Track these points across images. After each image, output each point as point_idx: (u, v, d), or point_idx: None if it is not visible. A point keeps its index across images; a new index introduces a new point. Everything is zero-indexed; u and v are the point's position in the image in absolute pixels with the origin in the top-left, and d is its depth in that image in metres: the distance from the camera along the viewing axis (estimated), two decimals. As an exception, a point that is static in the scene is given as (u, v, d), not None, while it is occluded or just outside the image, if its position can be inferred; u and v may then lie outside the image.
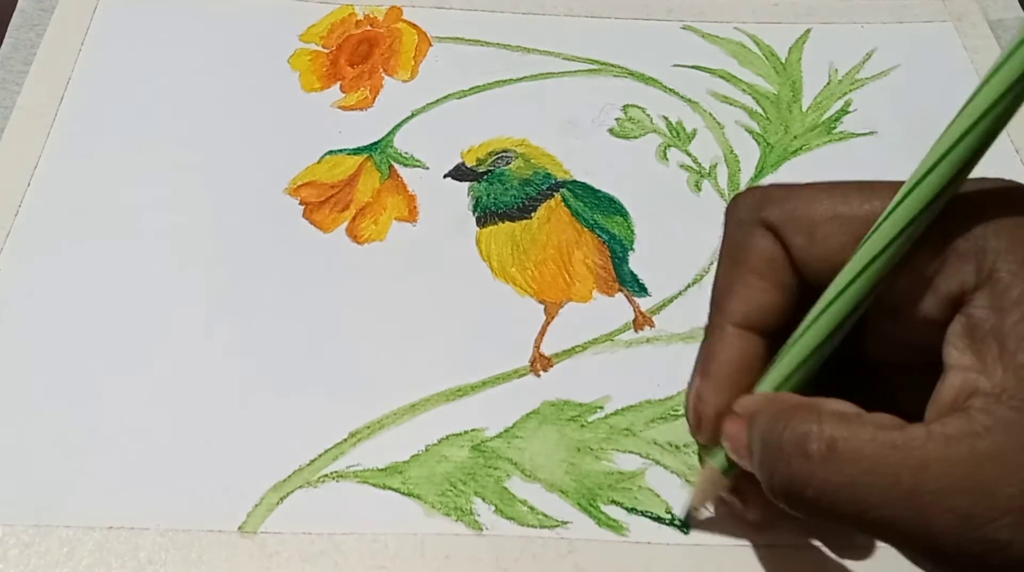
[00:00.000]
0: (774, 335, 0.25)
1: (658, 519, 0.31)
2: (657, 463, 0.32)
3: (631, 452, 0.32)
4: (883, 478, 0.21)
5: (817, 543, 0.30)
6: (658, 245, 0.38)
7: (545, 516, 0.31)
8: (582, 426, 0.33)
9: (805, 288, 0.25)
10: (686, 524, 0.31)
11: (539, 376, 0.34)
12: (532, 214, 0.38)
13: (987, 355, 0.21)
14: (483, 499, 0.31)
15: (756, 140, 0.41)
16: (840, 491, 0.22)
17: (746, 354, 0.26)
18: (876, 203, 0.23)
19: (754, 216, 0.25)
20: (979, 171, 0.23)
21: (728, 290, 0.26)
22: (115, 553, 0.30)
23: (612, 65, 0.44)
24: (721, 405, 0.26)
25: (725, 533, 0.31)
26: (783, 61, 0.44)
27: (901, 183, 0.24)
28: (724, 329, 0.26)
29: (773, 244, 0.25)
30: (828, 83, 0.43)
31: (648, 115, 0.42)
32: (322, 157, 0.40)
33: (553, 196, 0.39)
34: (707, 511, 0.31)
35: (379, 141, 0.40)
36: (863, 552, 0.28)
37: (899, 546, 0.22)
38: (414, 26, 0.45)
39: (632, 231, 0.38)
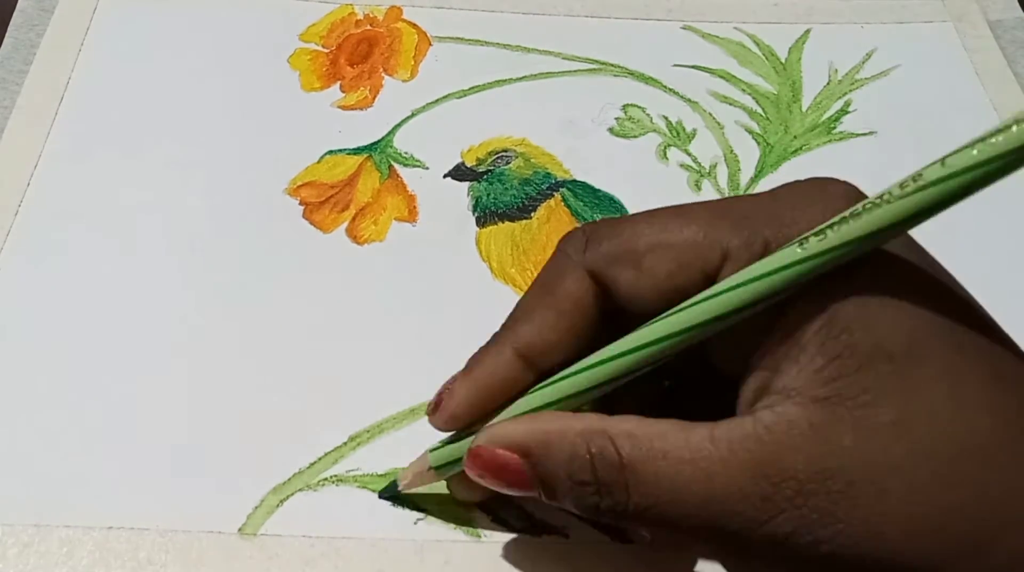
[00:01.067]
0: (545, 372, 0.26)
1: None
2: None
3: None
4: (681, 495, 0.22)
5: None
6: (658, 246, 0.38)
7: (544, 520, 0.31)
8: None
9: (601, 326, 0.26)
10: (386, 492, 0.31)
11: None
12: (532, 214, 0.38)
13: (783, 357, 0.22)
14: (482, 504, 0.31)
15: (756, 140, 0.41)
16: (651, 510, 0.23)
17: (510, 379, 0.26)
18: (693, 228, 0.24)
19: (580, 256, 0.26)
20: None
21: (526, 314, 0.26)
22: (115, 553, 0.30)
23: (612, 65, 0.44)
24: (466, 407, 0.27)
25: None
26: (783, 61, 0.44)
27: (716, 201, 0.26)
28: (504, 349, 0.26)
29: (587, 289, 0.25)
30: (828, 83, 0.43)
31: (648, 115, 0.42)
32: (322, 157, 0.40)
33: (553, 196, 0.39)
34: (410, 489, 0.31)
35: (379, 141, 0.40)
36: None
37: (713, 555, 0.24)
38: (414, 26, 0.45)
39: (632, 231, 0.38)
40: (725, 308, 0.23)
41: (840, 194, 0.24)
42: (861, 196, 0.24)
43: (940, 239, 0.24)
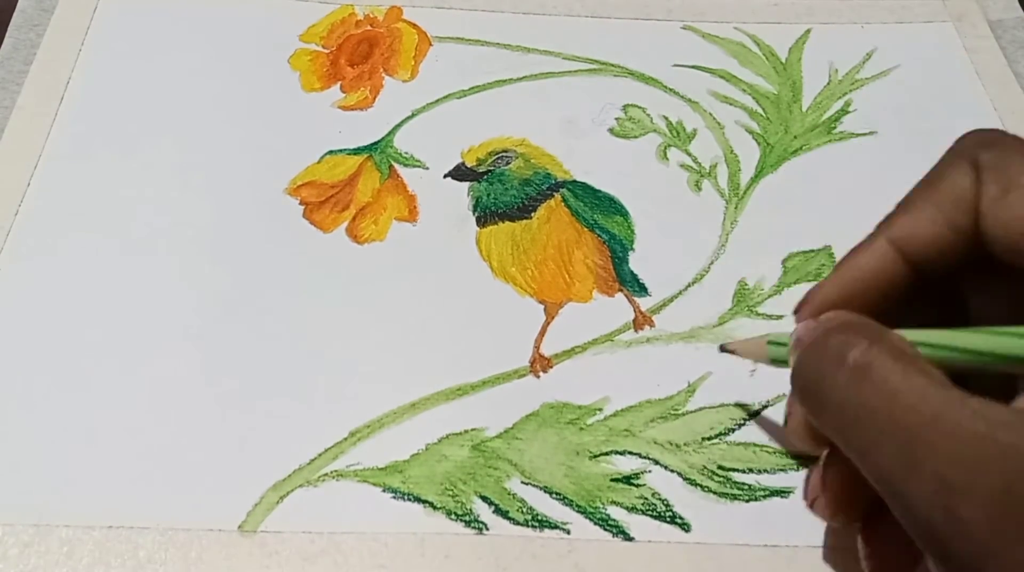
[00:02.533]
0: (923, 273, 0.26)
1: (658, 518, 0.31)
2: (657, 463, 0.32)
3: (631, 452, 0.32)
4: (891, 415, 0.21)
5: (817, 543, 0.31)
6: (658, 245, 0.38)
7: (545, 516, 0.31)
8: (581, 429, 0.33)
9: (979, 248, 0.25)
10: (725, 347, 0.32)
11: (539, 377, 0.34)
12: (532, 214, 0.38)
13: None
14: (483, 499, 0.31)
15: (756, 140, 0.41)
16: (849, 405, 0.22)
17: (880, 268, 0.26)
18: None
19: (971, 151, 0.25)
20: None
21: (904, 206, 0.26)
22: (115, 553, 0.30)
23: (612, 65, 0.44)
24: (828, 299, 0.26)
25: (725, 533, 0.31)
26: (783, 61, 0.44)
27: None
28: (877, 238, 0.26)
29: (969, 184, 0.25)
30: (828, 83, 0.43)
31: (648, 115, 0.42)
32: (322, 157, 0.40)
33: (553, 196, 0.39)
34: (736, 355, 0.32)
35: (379, 141, 0.40)
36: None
37: (873, 479, 0.22)
38: (414, 26, 0.45)
39: (632, 231, 0.38)
40: None
41: None
42: None
43: None
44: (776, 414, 0.33)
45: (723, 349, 0.32)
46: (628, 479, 0.32)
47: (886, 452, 0.21)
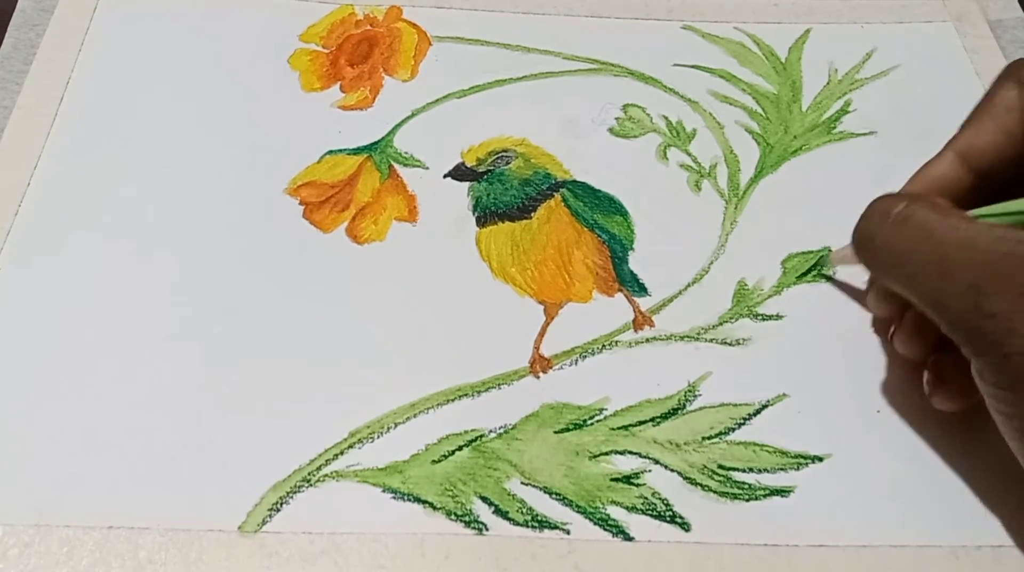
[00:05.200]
0: (986, 176, 0.31)
1: (658, 518, 0.31)
2: (657, 462, 0.32)
3: (631, 452, 0.32)
4: (931, 244, 0.27)
5: (817, 543, 0.31)
6: (658, 245, 0.38)
7: (545, 516, 0.31)
8: (581, 430, 0.33)
9: None
10: (822, 271, 0.37)
11: (538, 377, 0.34)
12: (532, 214, 0.38)
13: None
14: (483, 499, 0.31)
15: (756, 140, 0.41)
16: (894, 247, 0.28)
17: (947, 176, 0.31)
18: None
19: (1016, 72, 0.31)
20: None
21: (966, 124, 0.32)
22: (115, 553, 0.30)
23: (612, 65, 0.44)
24: None
25: (725, 532, 0.31)
26: (783, 61, 0.44)
27: None
28: (945, 152, 0.32)
29: (1016, 96, 0.30)
30: (828, 83, 0.43)
31: (648, 115, 0.42)
32: (322, 157, 0.40)
33: (553, 196, 0.39)
34: (835, 270, 0.37)
35: (379, 141, 0.40)
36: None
37: (920, 303, 0.28)
38: (414, 26, 0.45)
39: (632, 231, 0.38)
40: None
41: None
42: None
43: None
44: (779, 412, 0.33)
45: (821, 274, 0.37)
46: (628, 479, 0.32)
47: (928, 277, 0.27)
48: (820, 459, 0.32)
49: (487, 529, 0.30)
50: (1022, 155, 0.30)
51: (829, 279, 0.37)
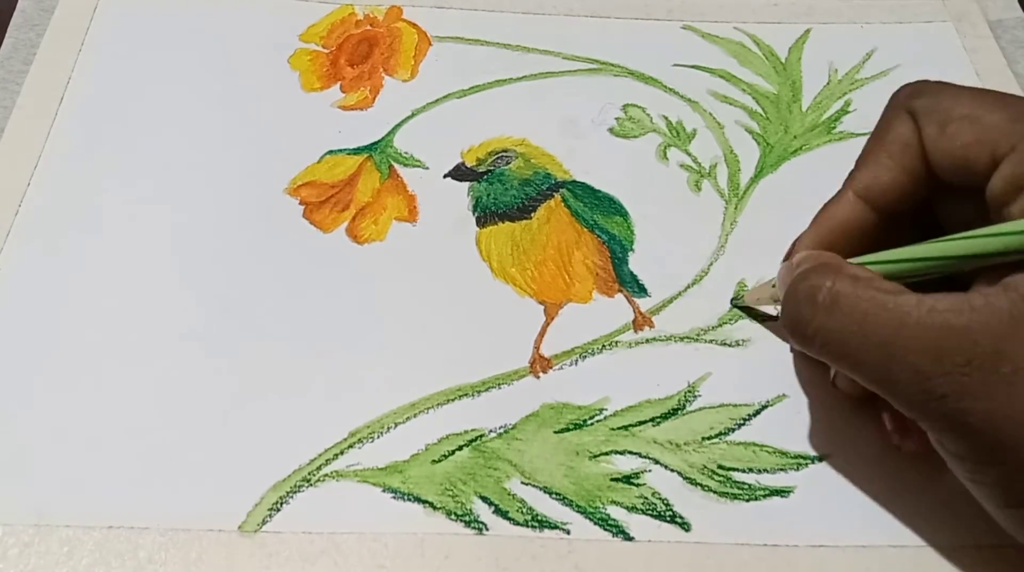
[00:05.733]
0: (889, 214, 0.30)
1: (658, 518, 0.31)
2: (657, 462, 0.32)
3: (630, 452, 0.32)
4: (866, 329, 0.26)
5: (817, 543, 0.31)
6: (658, 245, 0.38)
7: (545, 516, 0.31)
8: (581, 430, 0.33)
9: (933, 179, 0.29)
10: (736, 303, 0.36)
11: (538, 377, 0.34)
12: (532, 214, 0.38)
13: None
14: (483, 499, 0.31)
15: (756, 140, 0.41)
16: (831, 334, 0.27)
17: (849, 219, 0.30)
18: (1004, 114, 0.27)
19: (906, 102, 0.29)
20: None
21: (862, 162, 0.30)
22: (115, 553, 0.30)
23: (612, 65, 0.44)
24: (812, 246, 0.31)
25: (725, 532, 0.31)
26: (783, 61, 0.44)
27: None
28: (845, 193, 0.31)
29: (911, 131, 0.29)
30: (828, 83, 0.43)
31: (648, 115, 0.42)
32: (322, 157, 0.40)
33: (553, 196, 0.39)
34: (749, 305, 0.36)
35: (379, 141, 0.41)
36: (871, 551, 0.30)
37: (866, 384, 0.27)
38: (414, 26, 0.45)
39: (632, 231, 0.38)
40: None
41: None
42: None
43: None
44: (779, 413, 0.33)
45: (735, 305, 0.36)
46: (628, 479, 0.32)
47: (870, 362, 0.26)
48: (820, 459, 0.32)
49: (487, 529, 0.30)
50: (923, 189, 0.29)
51: (747, 310, 0.36)
